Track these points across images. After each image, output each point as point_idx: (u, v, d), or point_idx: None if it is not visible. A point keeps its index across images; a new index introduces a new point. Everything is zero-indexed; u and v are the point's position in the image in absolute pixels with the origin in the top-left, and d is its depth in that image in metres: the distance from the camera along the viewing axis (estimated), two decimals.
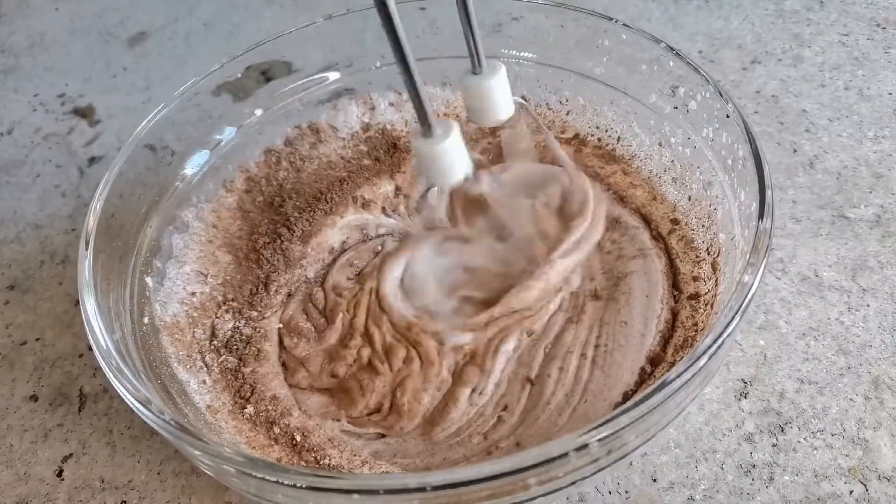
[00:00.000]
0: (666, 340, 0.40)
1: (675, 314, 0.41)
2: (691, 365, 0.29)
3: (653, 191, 0.47)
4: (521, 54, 0.49)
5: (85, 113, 0.67)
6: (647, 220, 0.47)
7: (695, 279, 0.42)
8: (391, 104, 0.51)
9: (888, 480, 0.37)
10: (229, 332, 0.43)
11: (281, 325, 0.45)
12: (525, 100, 0.39)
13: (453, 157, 0.34)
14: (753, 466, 0.38)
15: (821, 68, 0.59)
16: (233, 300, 0.44)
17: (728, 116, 0.39)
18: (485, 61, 0.36)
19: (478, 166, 0.37)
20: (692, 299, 0.41)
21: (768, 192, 0.34)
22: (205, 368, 0.40)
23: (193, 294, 0.43)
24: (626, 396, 0.38)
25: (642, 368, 0.39)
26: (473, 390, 0.40)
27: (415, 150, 0.34)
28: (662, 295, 0.42)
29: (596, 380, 0.39)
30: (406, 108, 0.51)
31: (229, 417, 0.38)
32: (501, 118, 0.38)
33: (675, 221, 0.45)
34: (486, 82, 0.36)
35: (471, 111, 0.38)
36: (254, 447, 0.36)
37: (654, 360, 0.40)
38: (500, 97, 0.37)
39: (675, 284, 0.43)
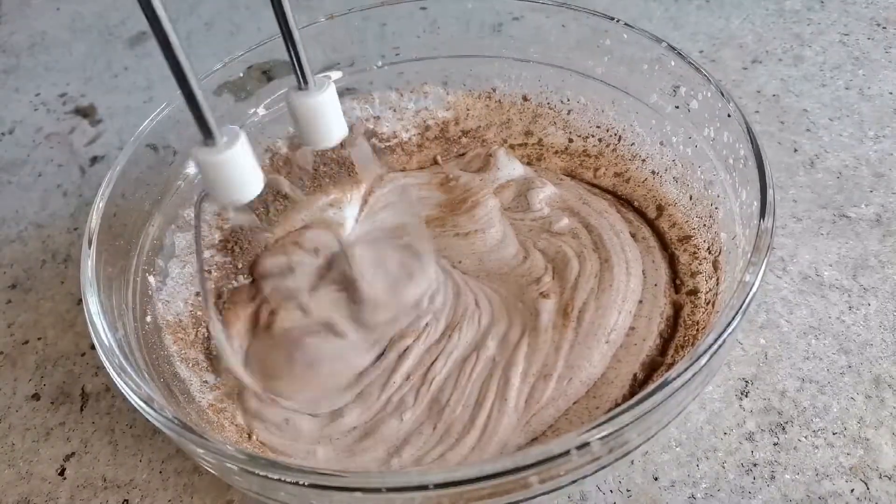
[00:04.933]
0: (666, 342, 0.40)
1: (677, 310, 0.41)
2: (693, 363, 0.29)
3: (626, 173, 0.48)
4: (523, 54, 0.49)
5: (86, 112, 0.67)
6: (628, 201, 0.47)
7: (693, 274, 0.42)
8: (392, 109, 0.51)
9: (889, 479, 0.37)
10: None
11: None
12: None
13: (243, 168, 0.29)
14: (755, 465, 0.38)
15: (821, 68, 0.59)
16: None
17: (729, 116, 0.39)
18: (311, 76, 0.32)
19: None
20: (691, 294, 0.41)
21: (770, 192, 0.34)
22: (209, 367, 0.41)
23: (199, 294, 0.43)
24: (616, 404, 0.37)
25: (634, 375, 0.39)
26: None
27: (198, 164, 0.29)
28: (666, 286, 0.42)
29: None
30: (405, 116, 0.52)
31: (234, 416, 0.38)
32: (336, 139, 0.34)
33: (660, 208, 0.46)
34: (316, 99, 0.32)
35: (303, 133, 0.34)
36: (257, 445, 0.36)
37: (652, 365, 0.39)
38: (332, 116, 0.33)
39: (675, 274, 0.43)
